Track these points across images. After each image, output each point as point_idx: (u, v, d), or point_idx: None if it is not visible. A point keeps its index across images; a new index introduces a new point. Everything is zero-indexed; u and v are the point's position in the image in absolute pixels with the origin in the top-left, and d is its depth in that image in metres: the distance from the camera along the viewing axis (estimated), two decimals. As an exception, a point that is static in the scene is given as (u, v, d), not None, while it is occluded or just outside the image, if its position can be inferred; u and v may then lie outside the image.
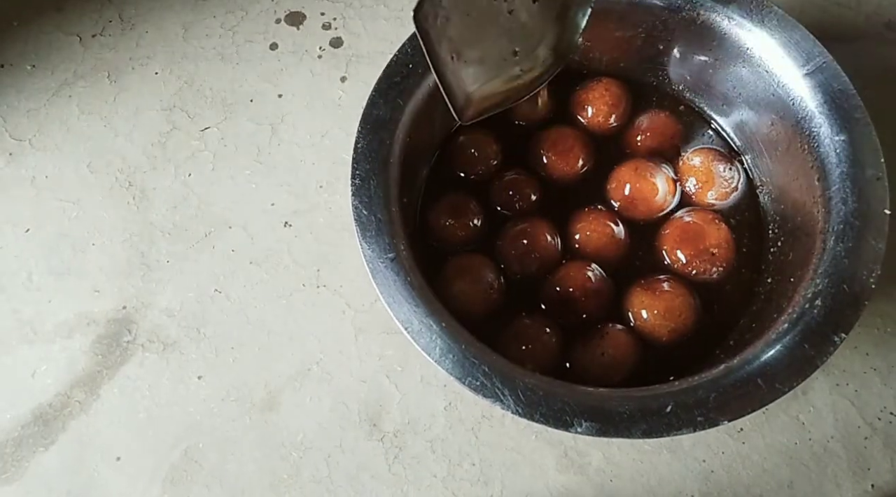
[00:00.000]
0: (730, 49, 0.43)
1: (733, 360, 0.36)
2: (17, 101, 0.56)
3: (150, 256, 0.51)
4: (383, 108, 0.42)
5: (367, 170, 0.40)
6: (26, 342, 0.49)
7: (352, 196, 0.39)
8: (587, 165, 0.48)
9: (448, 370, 0.35)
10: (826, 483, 0.44)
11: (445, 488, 0.44)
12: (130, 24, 0.59)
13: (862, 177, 0.38)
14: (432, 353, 0.36)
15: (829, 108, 0.39)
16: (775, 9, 0.42)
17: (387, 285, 0.37)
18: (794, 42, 0.41)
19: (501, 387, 0.35)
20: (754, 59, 0.42)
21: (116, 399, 0.47)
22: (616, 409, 0.34)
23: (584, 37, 0.43)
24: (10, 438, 0.46)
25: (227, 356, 0.48)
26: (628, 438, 0.34)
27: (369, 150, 0.41)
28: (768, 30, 0.41)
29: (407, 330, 0.36)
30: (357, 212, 0.39)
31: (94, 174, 0.54)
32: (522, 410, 0.34)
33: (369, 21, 0.58)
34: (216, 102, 0.56)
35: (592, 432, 0.34)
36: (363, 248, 0.38)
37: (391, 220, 0.39)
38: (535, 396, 0.35)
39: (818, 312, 0.36)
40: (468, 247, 0.46)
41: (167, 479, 0.45)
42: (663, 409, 0.34)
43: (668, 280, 0.43)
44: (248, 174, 0.53)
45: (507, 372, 0.35)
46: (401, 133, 0.42)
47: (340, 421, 0.46)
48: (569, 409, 0.34)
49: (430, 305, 0.37)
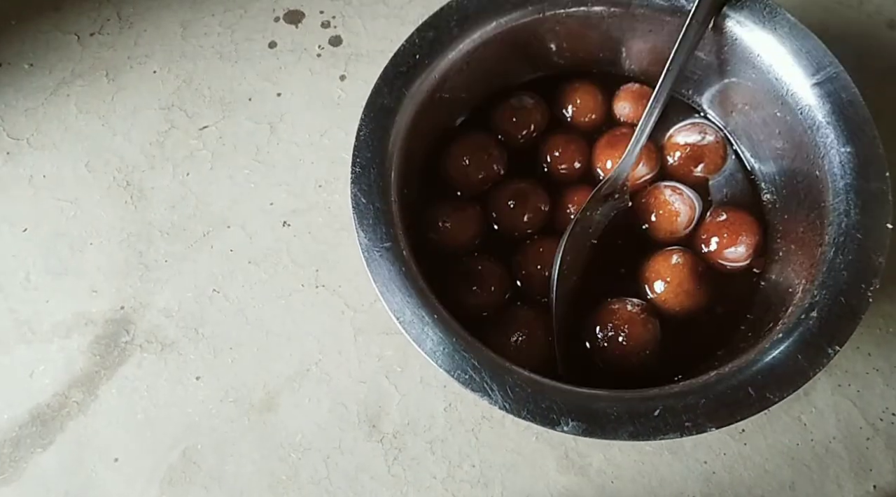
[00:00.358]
0: (739, 55, 0.43)
1: (725, 367, 0.36)
2: (14, 100, 0.56)
3: (149, 256, 0.51)
4: (388, 96, 0.41)
5: (367, 158, 0.40)
6: (24, 342, 0.49)
7: (351, 184, 0.39)
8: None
9: (438, 362, 0.35)
10: (828, 484, 0.44)
11: (445, 490, 0.44)
12: (129, 23, 0.59)
13: (866, 189, 0.37)
14: (423, 345, 0.36)
15: (836, 118, 0.39)
16: (787, 16, 0.41)
17: (381, 274, 0.37)
18: (806, 51, 0.40)
19: (490, 382, 0.35)
20: (763, 66, 0.42)
21: (114, 399, 0.47)
22: (604, 410, 0.34)
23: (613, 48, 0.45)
24: (7, 439, 0.46)
25: (225, 357, 0.48)
26: (614, 440, 0.34)
27: (372, 138, 0.40)
28: (779, 37, 0.41)
29: (399, 320, 0.36)
30: (355, 200, 0.39)
31: (91, 173, 0.53)
32: (510, 406, 0.34)
33: (368, 19, 0.58)
34: (215, 101, 0.55)
35: (578, 432, 0.34)
36: (359, 236, 0.38)
37: (389, 209, 0.39)
38: (524, 393, 0.35)
39: (813, 324, 0.35)
40: (466, 247, 0.46)
41: (165, 479, 0.45)
42: (651, 413, 0.34)
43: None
44: (247, 173, 0.53)
45: (497, 367, 0.35)
46: (404, 123, 0.41)
47: (339, 422, 0.46)
48: (556, 408, 0.34)
49: (423, 297, 0.37)
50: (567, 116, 0.49)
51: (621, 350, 0.41)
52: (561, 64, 0.50)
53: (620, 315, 0.42)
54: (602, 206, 0.45)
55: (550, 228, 0.46)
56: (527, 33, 0.45)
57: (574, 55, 0.49)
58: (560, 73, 0.50)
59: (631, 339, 0.41)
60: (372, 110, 0.41)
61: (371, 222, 0.38)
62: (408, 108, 0.42)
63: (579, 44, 0.48)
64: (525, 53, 0.48)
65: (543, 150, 0.48)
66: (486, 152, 0.47)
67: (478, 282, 0.43)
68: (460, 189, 0.47)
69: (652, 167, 0.47)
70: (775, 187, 0.45)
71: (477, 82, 0.47)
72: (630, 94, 0.49)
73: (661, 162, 0.48)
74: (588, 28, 0.46)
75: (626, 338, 0.41)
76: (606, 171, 0.47)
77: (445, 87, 0.44)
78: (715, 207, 0.46)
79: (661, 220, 0.45)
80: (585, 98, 0.49)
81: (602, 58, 0.49)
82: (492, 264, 0.44)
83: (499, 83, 0.50)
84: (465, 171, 0.46)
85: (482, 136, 0.48)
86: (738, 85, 0.45)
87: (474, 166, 0.46)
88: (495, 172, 0.47)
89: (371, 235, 0.38)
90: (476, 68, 0.45)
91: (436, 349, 0.36)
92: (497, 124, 0.48)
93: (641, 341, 0.41)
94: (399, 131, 0.41)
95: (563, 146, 0.47)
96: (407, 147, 0.42)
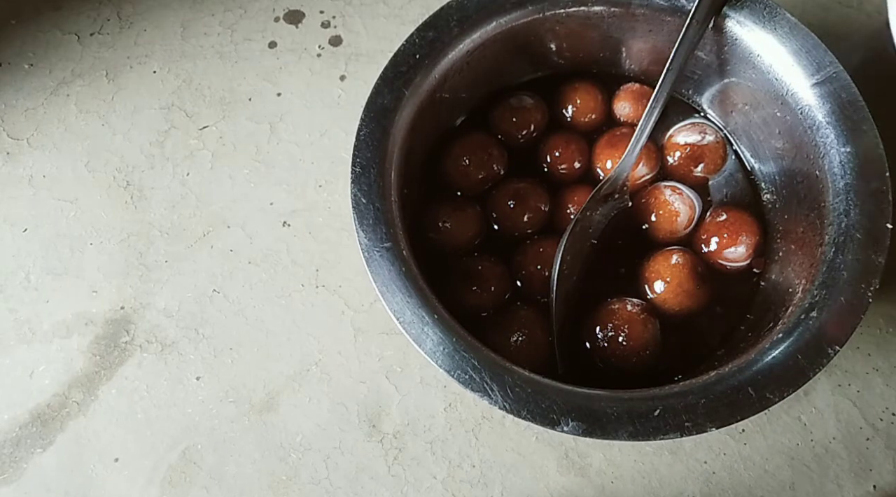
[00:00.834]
0: (739, 55, 0.43)
1: (725, 367, 0.36)
2: (14, 100, 0.56)
3: (148, 256, 0.51)
4: (388, 96, 0.41)
5: (368, 158, 0.40)
6: (24, 342, 0.49)
7: (351, 184, 0.39)
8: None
9: (437, 362, 0.35)
10: (828, 484, 0.44)
11: (445, 490, 0.44)
12: (129, 23, 0.59)
13: (866, 189, 0.37)
14: (423, 345, 0.36)
15: (836, 118, 0.39)
16: (787, 16, 0.41)
17: (381, 274, 0.37)
18: (806, 50, 0.40)
19: (490, 382, 0.35)
20: (763, 66, 0.42)
21: (114, 400, 0.47)
22: (604, 410, 0.34)
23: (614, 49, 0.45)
24: (7, 439, 0.46)
25: (225, 357, 0.48)
26: (615, 440, 0.35)
27: (371, 138, 0.40)
28: (779, 37, 0.41)
29: (399, 320, 0.36)
30: (356, 200, 0.39)
31: (91, 173, 0.53)
32: (510, 406, 0.34)
33: (369, 19, 0.58)
34: (214, 101, 0.55)
35: (578, 432, 0.34)
36: (360, 236, 0.38)
37: (389, 209, 0.39)
38: (524, 393, 0.35)
39: (813, 324, 0.35)
40: (466, 247, 0.46)
41: (165, 479, 0.45)
42: (651, 413, 0.34)
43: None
44: (247, 173, 0.53)
45: (497, 367, 0.35)
46: (404, 123, 0.41)
47: (339, 422, 0.46)
48: (556, 408, 0.34)
49: (423, 297, 0.37)
50: (567, 116, 0.49)
51: (621, 350, 0.41)
52: (561, 64, 0.50)
53: (620, 315, 0.42)
54: (602, 206, 0.45)
55: (550, 228, 0.46)
56: (527, 33, 0.45)
57: (574, 55, 0.49)
58: (560, 73, 0.50)
59: (631, 339, 0.41)
60: (372, 110, 0.41)
61: (371, 222, 0.38)
62: (408, 108, 0.42)
63: (579, 44, 0.48)
64: (525, 53, 0.48)
65: (543, 150, 0.48)
66: (486, 152, 0.47)
67: (478, 282, 0.43)
68: (460, 189, 0.47)
69: (652, 167, 0.47)
70: (775, 187, 0.45)
71: (477, 82, 0.47)
72: (630, 94, 0.49)
73: (661, 162, 0.48)
74: (588, 28, 0.46)
75: (626, 338, 0.41)
76: (606, 171, 0.47)
77: (445, 86, 0.44)
78: (715, 207, 0.46)
79: (661, 220, 0.45)
80: (585, 98, 0.49)
81: (602, 58, 0.49)
82: (492, 264, 0.44)
83: (499, 83, 0.50)
84: (465, 171, 0.46)
85: (482, 135, 0.48)
86: (738, 85, 0.45)
87: (474, 166, 0.46)
88: (495, 172, 0.47)
89: (371, 235, 0.38)
90: (476, 68, 0.45)
91: (436, 349, 0.36)
92: (497, 124, 0.48)
93: (641, 341, 0.41)
94: (399, 131, 0.41)
95: (563, 146, 0.47)
96: (407, 147, 0.42)
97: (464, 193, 0.47)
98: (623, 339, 0.41)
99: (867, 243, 0.36)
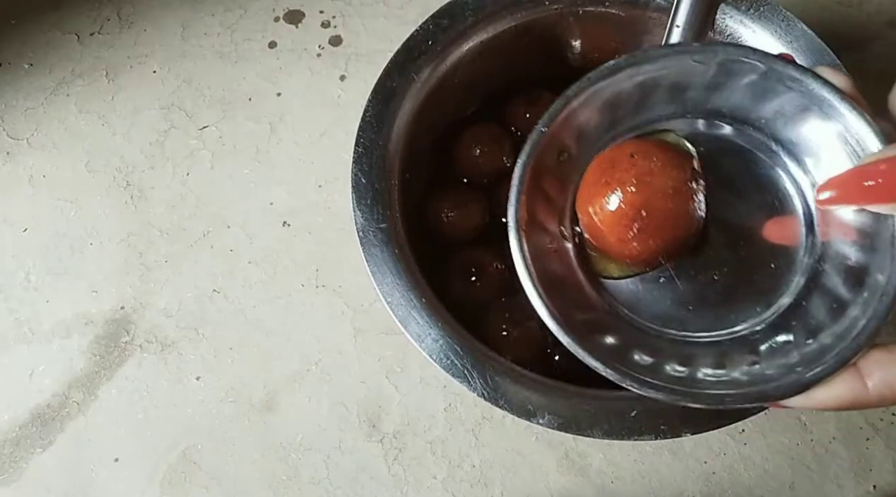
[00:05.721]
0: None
1: None
2: (14, 100, 0.56)
3: (148, 256, 0.51)
4: (397, 80, 0.41)
5: (371, 139, 0.40)
6: (24, 342, 0.49)
7: (353, 163, 0.39)
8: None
9: (422, 346, 0.35)
10: (828, 484, 0.44)
11: (445, 490, 0.44)
12: (128, 23, 0.59)
13: None
14: (409, 327, 0.36)
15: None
16: (781, 9, 0.41)
17: (373, 255, 0.37)
18: (804, 49, 0.40)
19: (471, 369, 0.35)
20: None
21: (114, 400, 0.47)
22: (581, 407, 0.34)
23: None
24: (7, 439, 0.46)
25: (225, 357, 0.48)
26: (589, 437, 0.35)
27: (377, 120, 0.40)
28: (772, 31, 0.41)
29: (388, 301, 0.36)
30: (356, 179, 0.39)
31: (91, 173, 0.53)
32: (488, 394, 0.35)
33: (369, 19, 0.58)
34: (214, 101, 0.55)
35: (553, 426, 0.34)
36: (356, 215, 0.38)
37: (389, 190, 0.39)
38: (503, 383, 0.35)
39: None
40: (468, 237, 0.46)
41: (165, 480, 0.45)
42: (628, 413, 0.34)
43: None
44: (247, 173, 0.53)
45: (480, 355, 0.36)
46: (411, 107, 0.41)
47: (339, 422, 0.46)
48: (534, 400, 0.35)
49: (413, 280, 0.37)
50: None
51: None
52: (575, 62, 0.49)
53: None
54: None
55: None
56: (542, 29, 0.45)
57: (589, 54, 0.49)
58: (574, 71, 0.50)
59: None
60: (380, 93, 0.41)
61: (369, 203, 0.38)
62: (416, 93, 0.41)
63: (594, 43, 0.47)
64: (540, 49, 0.47)
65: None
66: (497, 144, 0.47)
67: (477, 272, 0.43)
68: (468, 178, 0.47)
69: None
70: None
71: (490, 74, 0.47)
72: None
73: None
74: (604, 28, 0.46)
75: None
76: None
77: (457, 75, 0.44)
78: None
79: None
80: None
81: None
82: (492, 256, 0.44)
83: (512, 76, 0.49)
84: (475, 161, 0.46)
85: (495, 127, 0.48)
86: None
87: (485, 157, 0.46)
88: (504, 165, 0.47)
89: (367, 216, 0.38)
90: (489, 59, 0.45)
91: (422, 333, 0.36)
92: (509, 117, 0.48)
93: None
94: (406, 115, 0.41)
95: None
96: (413, 132, 0.42)
97: (470, 183, 0.47)
98: None
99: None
